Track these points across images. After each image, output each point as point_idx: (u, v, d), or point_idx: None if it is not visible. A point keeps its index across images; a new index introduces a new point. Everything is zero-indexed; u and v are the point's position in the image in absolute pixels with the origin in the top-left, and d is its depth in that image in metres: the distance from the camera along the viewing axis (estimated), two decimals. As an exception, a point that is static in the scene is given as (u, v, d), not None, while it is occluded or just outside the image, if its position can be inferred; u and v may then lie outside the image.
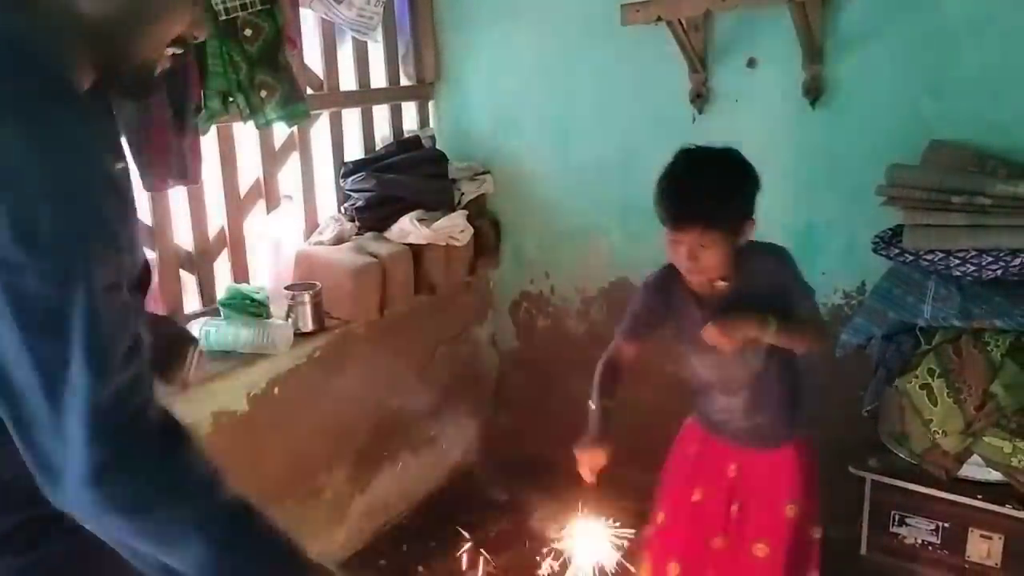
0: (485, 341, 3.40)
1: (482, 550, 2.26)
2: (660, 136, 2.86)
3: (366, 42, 2.91)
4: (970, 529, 2.15)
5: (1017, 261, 2.02)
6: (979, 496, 2.10)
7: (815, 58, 2.48)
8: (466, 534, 2.70)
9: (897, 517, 2.23)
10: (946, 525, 2.18)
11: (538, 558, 2.12)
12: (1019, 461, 1.99)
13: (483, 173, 3.13)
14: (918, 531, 2.22)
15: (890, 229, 2.25)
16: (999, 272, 2.05)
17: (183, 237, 2.49)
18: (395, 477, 2.99)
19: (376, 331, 2.78)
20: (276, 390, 2.47)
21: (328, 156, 2.91)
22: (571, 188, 3.08)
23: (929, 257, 2.14)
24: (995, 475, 2.08)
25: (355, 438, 2.80)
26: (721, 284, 1.81)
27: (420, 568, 2.79)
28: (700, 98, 2.73)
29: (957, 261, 2.10)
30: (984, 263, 2.06)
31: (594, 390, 1.99)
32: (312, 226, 2.85)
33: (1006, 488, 2.08)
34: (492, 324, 3.40)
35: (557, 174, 3.10)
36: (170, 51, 1.04)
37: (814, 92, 2.51)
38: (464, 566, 2.50)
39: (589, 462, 1.90)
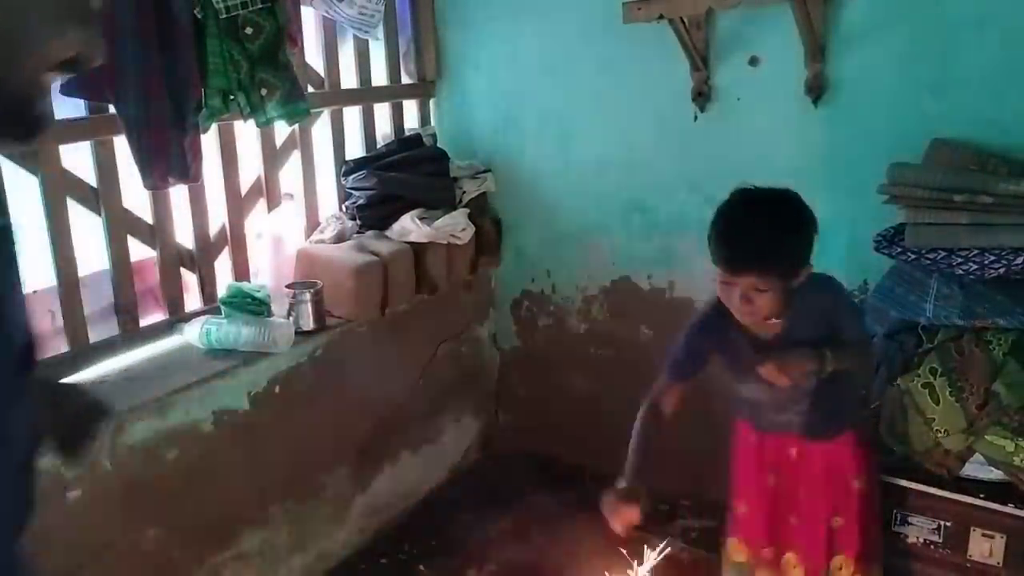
0: (486, 340, 3.39)
1: None
2: (662, 134, 2.86)
3: (367, 40, 2.90)
4: (972, 528, 2.14)
5: (1020, 260, 2.01)
6: (981, 495, 2.09)
7: (817, 56, 2.47)
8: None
9: (899, 516, 2.23)
10: (948, 524, 2.17)
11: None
12: (1021, 460, 1.98)
13: (484, 171, 3.13)
14: (920, 530, 2.21)
15: (892, 228, 2.25)
16: (1002, 271, 2.04)
17: (184, 235, 2.49)
18: (396, 476, 2.99)
19: (377, 330, 2.78)
20: (277, 389, 2.47)
21: (329, 154, 2.90)
22: (572, 187, 3.08)
23: (931, 256, 2.14)
24: (997, 474, 2.08)
25: (356, 437, 2.80)
26: (773, 322, 1.82)
27: (421, 567, 2.79)
28: (702, 96, 2.73)
29: (959, 260, 2.09)
30: (987, 262, 2.06)
31: (634, 437, 1.96)
32: (313, 224, 2.85)
33: (1008, 487, 2.07)
34: (493, 323, 3.40)
35: (558, 172, 3.09)
36: (56, 79, 0.85)
37: (816, 90, 2.51)
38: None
39: (622, 518, 1.83)
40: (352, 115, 2.99)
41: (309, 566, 2.68)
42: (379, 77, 3.05)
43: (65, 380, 2.01)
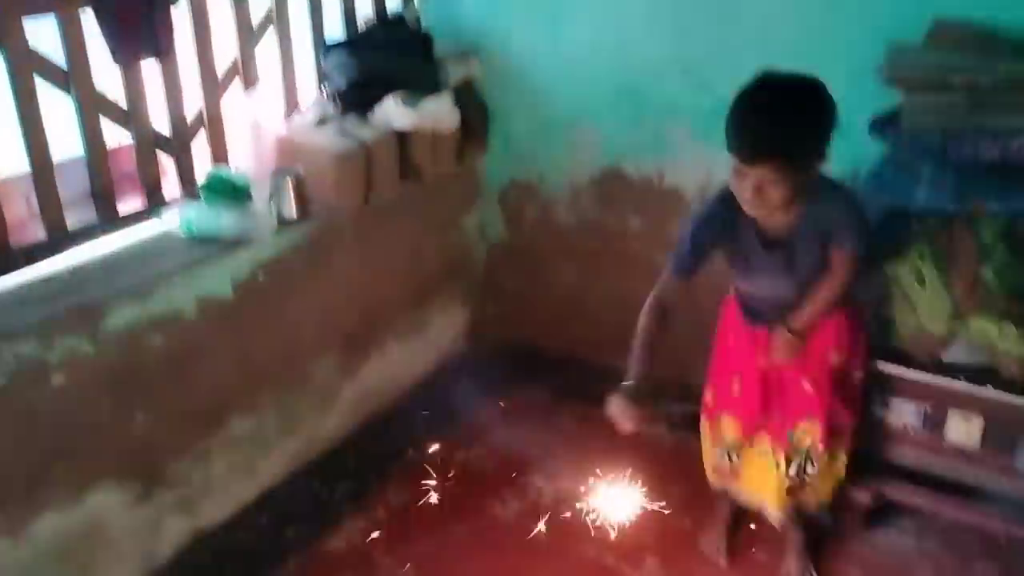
0: (473, 230, 3.36)
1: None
2: (655, 15, 2.76)
3: (346, -87, 2.75)
4: (950, 411, 2.18)
5: (1016, 143, 1.97)
6: (961, 378, 2.12)
7: (819, -70, 2.36)
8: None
9: (881, 400, 2.26)
10: (928, 408, 2.21)
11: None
12: (1005, 345, 2.00)
13: (470, 55, 3.02)
14: (901, 414, 2.25)
15: (888, 111, 2.20)
16: (997, 154, 2.00)
17: (160, 120, 2.40)
18: (384, 364, 3.01)
19: (362, 218, 2.74)
20: (261, 277, 2.44)
21: (307, 36, 2.79)
22: (562, 71, 2.99)
23: (927, 139, 2.09)
24: (979, 358, 2.10)
25: (342, 325, 2.80)
26: (781, 218, 1.83)
27: (410, 451, 2.84)
28: (697, -26, 2.62)
29: (955, 143, 2.05)
30: (983, 145, 2.02)
31: (638, 335, 1.92)
32: (292, 108, 2.76)
33: (989, 371, 2.10)
34: (480, 213, 3.36)
35: (547, 56, 2.99)
36: None
37: (814, -34, 2.41)
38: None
39: (629, 418, 1.82)
40: (332, -6, 2.86)
41: (300, 450, 2.72)
42: (360, -45, 2.91)
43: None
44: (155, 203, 2.40)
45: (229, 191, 2.38)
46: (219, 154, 2.56)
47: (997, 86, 1.97)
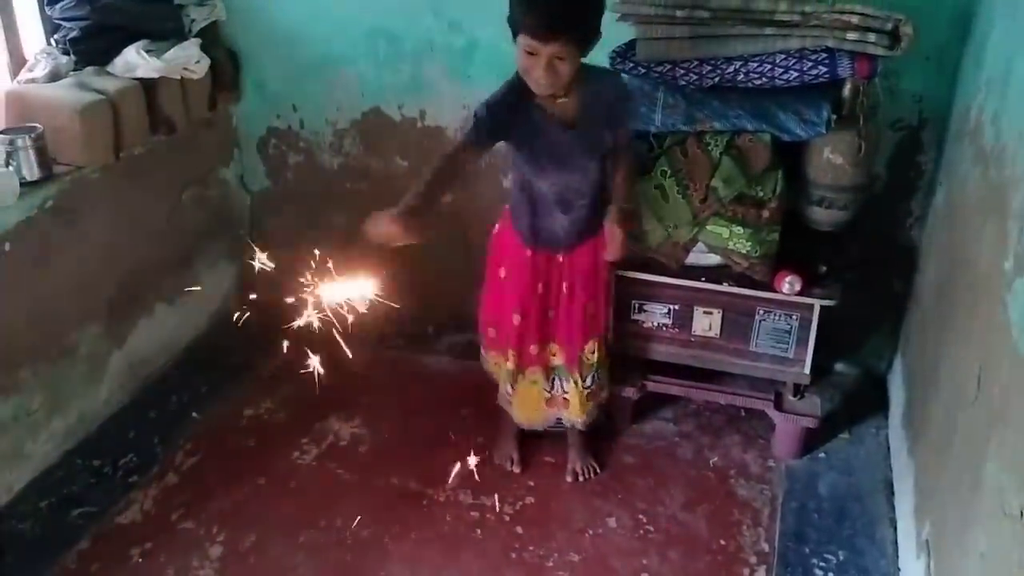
0: (234, 182, 3.25)
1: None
2: (404, -46, 2.79)
3: None
4: (695, 308, 2.50)
5: (731, 68, 2.26)
6: (702, 279, 2.43)
7: None
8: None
9: (637, 306, 2.53)
10: (676, 307, 2.51)
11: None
12: (734, 244, 2.31)
13: (213, -2, 2.89)
14: (653, 315, 2.54)
15: (624, 44, 2.41)
16: (716, 79, 2.28)
17: None
18: (153, 328, 2.87)
19: (113, 175, 2.58)
20: (7, 246, 2.23)
21: (25, -21, 2.53)
22: (312, 13, 2.94)
23: (659, 69, 2.33)
24: (714, 259, 2.41)
25: (104, 291, 2.64)
26: (563, 100, 1.99)
27: (194, 414, 2.76)
28: (439, -86, 2.68)
29: (682, 71, 2.31)
30: (704, 72, 2.29)
31: (427, 175, 1.91)
32: (19, 62, 2.51)
33: (723, 269, 2.42)
34: (240, 164, 3.25)
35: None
36: None
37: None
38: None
39: (385, 230, 1.79)
40: (47, -68, 2.60)
41: (72, 428, 2.55)
42: None
43: None
44: None
45: (-44, 154, 2.15)
46: (-64, 114, 2.29)
47: (713, 19, 2.24)
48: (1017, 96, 1.83)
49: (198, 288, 3.08)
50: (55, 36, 2.57)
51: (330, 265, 1.87)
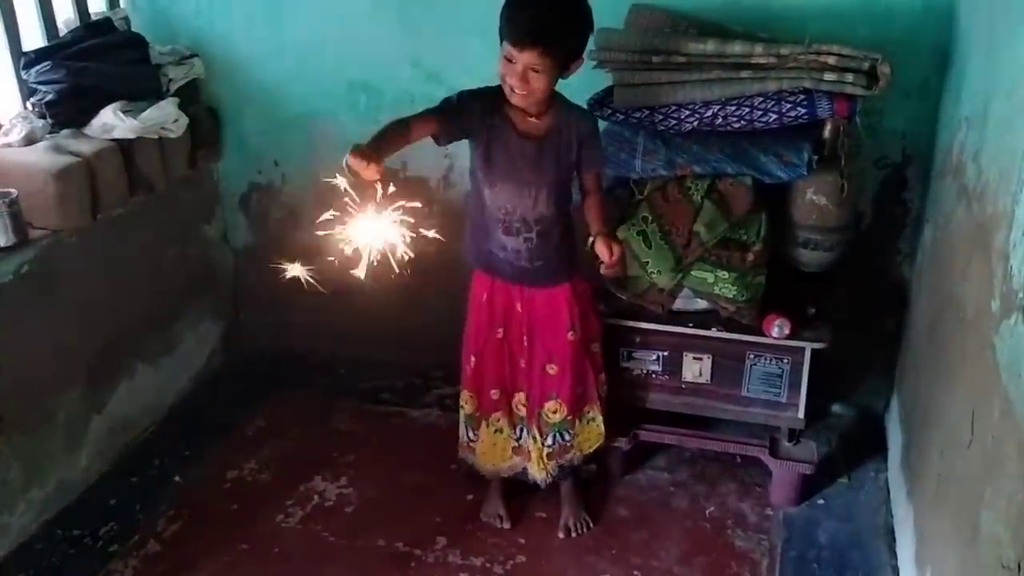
0: (216, 239, 3.22)
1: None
2: (378, 9, 2.80)
3: (29, -92, 2.52)
4: (684, 354, 2.45)
5: (710, 112, 2.24)
6: (690, 324, 2.39)
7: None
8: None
9: (625, 353, 2.49)
10: (665, 354, 2.47)
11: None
12: (720, 288, 2.28)
13: (191, 56, 2.88)
14: (643, 363, 2.50)
15: (602, 91, 2.41)
16: (695, 123, 2.27)
17: None
18: (134, 391, 2.81)
19: (91, 238, 2.55)
20: (-20, 314, 2.20)
21: (3, 45, 2.52)
22: (291, 69, 2.94)
23: (637, 115, 2.32)
24: (702, 304, 2.37)
25: (83, 355, 2.59)
26: (535, 120, 2.02)
27: (177, 478, 2.70)
28: (414, -32, 2.69)
29: (660, 116, 2.30)
30: (682, 116, 2.28)
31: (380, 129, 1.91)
32: (-7, 127, 2.50)
33: (711, 314, 2.38)
34: (222, 220, 3.23)
35: (273, 54, 2.93)
36: None
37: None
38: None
39: (364, 165, 1.73)
40: (24, -1, 2.60)
41: (50, 497, 2.49)
42: (50, -47, 2.67)
43: None
44: None
45: (-73, 223, 2.12)
46: (-92, 182, 2.26)
47: (690, 64, 2.23)
48: (996, 134, 1.81)
49: (181, 346, 3.05)
50: (31, 100, 2.56)
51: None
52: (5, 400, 2.30)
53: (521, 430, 2.39)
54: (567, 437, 2.36)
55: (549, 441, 2.34)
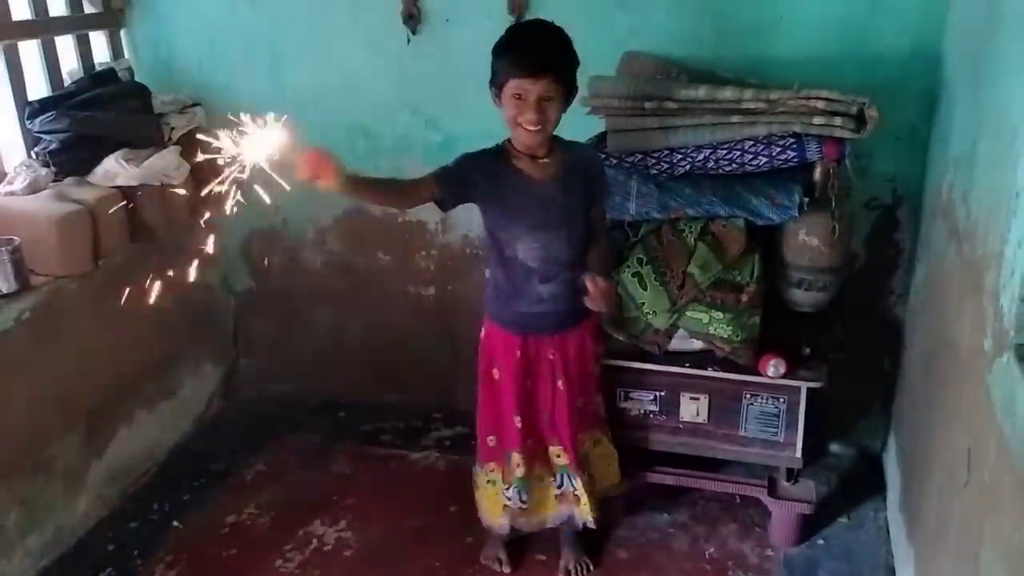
0: (217, 284, 3.25)
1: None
2: (378, 58, 2.86)
3: (37, -36, 2.59)
4: (681, 394, 2.46)
5: (701, 156, 2.28)
6: (687, 364, 2.41)
7: (516, -24, 2.59)
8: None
9: (623, 394, 2.50)
10: (662, 394, 2.48)
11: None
12: (715, 329, 2.30)
13: (193, 105, 2.94)
14: (640, 403, 2.50)
15: (596, 136, 2.45)
16: (688, 167, 2.31)
17: None
18: (134, 436, 2.82)
19: (92, 284, 2.57)
20: (-18, 360, 2.21)
21: (8, 96, 2.58)
22: (291, 116, 2.97)
23: (630, 159, 2.36)
24: (697, 344, 2.39)
25: (83, 400, 2.60)
26: (545, 161, 2.04)
27: (175, 523, 2.69)
28: (413, 19, 2.76)
29: (653, 160, 2.34)
30: (675, 160, 2.32)
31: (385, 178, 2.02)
32: (-1, 176, 2.54)
33: (707, 354, 2.40)
34: (223, 265, 3.26)
35: (274, 101, 2.89)
36: None
37: (518, 9, 2.64)
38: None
39: (315, 163, 1.83)
40: (30, 50, 2.66)
41: (48, 544, 2.48)
42: (57, 7, 2.73)
43: None
44: None
45: (-69, 271, 2.15)
46: (-87, 231, 2.29)
47: (681, 109, 2.27)
48: (984, 175, 1.84)
49: (182, 391, 3.06)
50: (35, 149, 2.61)
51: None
52: (5, 445, 2.31)
53: (562, 477, 2.32)
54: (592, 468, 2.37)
55: (586, 477, 2.32)
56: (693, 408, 2.46)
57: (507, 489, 2.31)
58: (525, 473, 2.29)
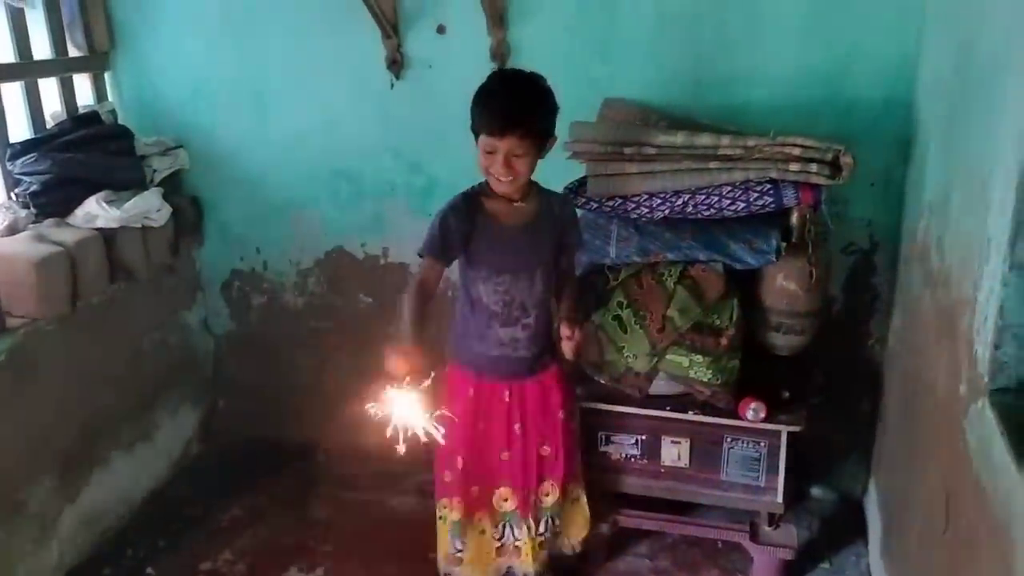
0: (196, 325, 3.23)
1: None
2: (361, 102, 2.89)
3: (22, 8, 2.60)
4: (662, 437, 2.46)
5: (680, 201, 2.31)
6: (668, 408, 2.40)
7: (499, 24, 2.63)
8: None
9: (604, 437, 2.49)
10: (643, 437, 2.47)
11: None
12: (695, 372, 2.30)
13: (175, 148, 2.95)
14: (621, 446, 2.49)
15: (577, 180, 2.47)
16: (667, 211, 2.33)
17: None
18: (109, 480, 2.77)
19: (69, 326, 2.55)
20: (-46, 403, 2.18)
21: (-11, 137, 2.58)
22: (274, 158, 3.01)
23: (610, 204, 2.39)
24: (678, 388, 2.39)
25: (58, 443, 2.56)
26: (520, 205, 2.08)
27: (149, 570, 2.64)
28: (396, 64, 2.79)
29: (633, 205, 2.36)
30: (654, 205, 2.34)
31: (406, 307, 2.02)
32: (-23, 217, 2.52)
33: (688, 398, 2.40)
34: (203, 307, 3.25)
35: (257, 144, 3.00)
36: None
37: (500, 57, 2.67)
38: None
39: (404, 365, 1.84)
40: (13, 93, 2.66)
41: (17, 593, 2.42)
42: (41, 50, 2.75)
43: None
44: None
45: (-96, 313, 2.12)
46: None
47: (660, 155, 2.30)
48: (957, 221, 1.87)
49: (159, 434, 3.02)
50: (15, 191, 2.60)
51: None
52: (-25, 492, 2.27)
53: (504, 527, 2.30)
54: (557, 522, 2.33)
55: (541, 528, 2.30)
56: (675, 451, 2.46)
57: (448, 535, 2.31)
58: (459, 518, 2.26)
